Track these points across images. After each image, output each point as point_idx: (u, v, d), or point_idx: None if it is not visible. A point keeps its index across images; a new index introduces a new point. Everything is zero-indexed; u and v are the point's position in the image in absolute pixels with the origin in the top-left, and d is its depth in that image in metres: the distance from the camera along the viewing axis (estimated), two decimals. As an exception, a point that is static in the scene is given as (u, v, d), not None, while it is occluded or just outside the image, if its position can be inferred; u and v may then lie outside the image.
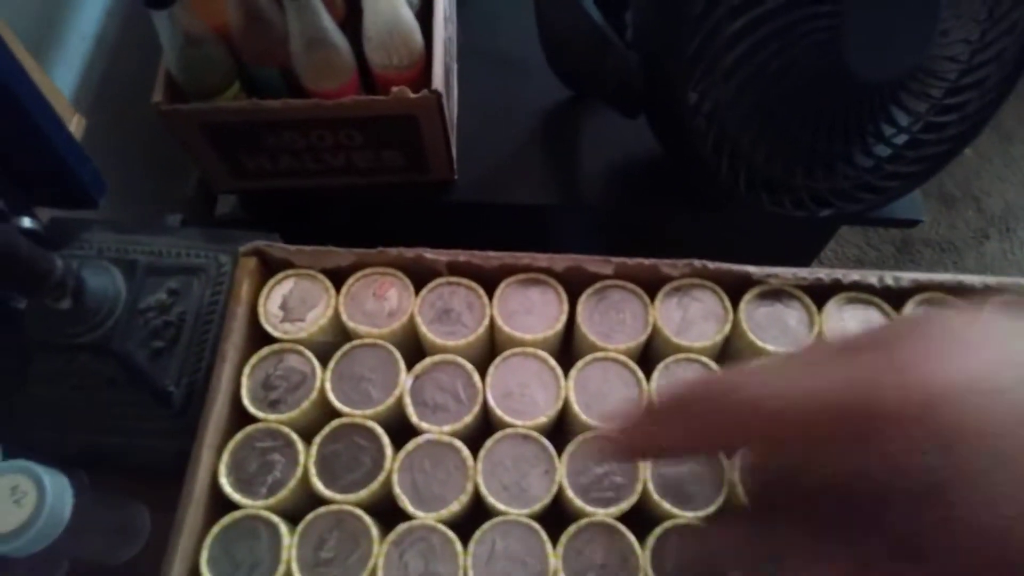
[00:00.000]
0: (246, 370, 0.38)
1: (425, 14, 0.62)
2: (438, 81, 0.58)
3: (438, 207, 0.69)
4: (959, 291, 0.39)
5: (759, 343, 0.39)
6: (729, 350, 0.42)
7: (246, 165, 0.64)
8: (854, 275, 0.39)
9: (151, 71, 0.58)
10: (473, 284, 0.41)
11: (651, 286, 0.41)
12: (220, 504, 0.36)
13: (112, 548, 0.42)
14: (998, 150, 1.36)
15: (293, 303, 0.40)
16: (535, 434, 0.37)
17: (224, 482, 0.36)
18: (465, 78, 0.74)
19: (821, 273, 0.40)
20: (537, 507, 0.36)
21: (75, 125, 0.47)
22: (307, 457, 0.37)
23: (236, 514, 0.36)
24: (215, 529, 0.35)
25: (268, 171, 0.65)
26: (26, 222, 0.35)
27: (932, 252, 1.28)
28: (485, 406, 0.38)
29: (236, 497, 0.36)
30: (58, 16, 0.64)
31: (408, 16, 0.57)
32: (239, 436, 0.37)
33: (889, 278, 0.39)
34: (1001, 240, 1.30)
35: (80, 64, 0.65)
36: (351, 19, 0.61)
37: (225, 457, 0.37)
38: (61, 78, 0.63)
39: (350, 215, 0.76)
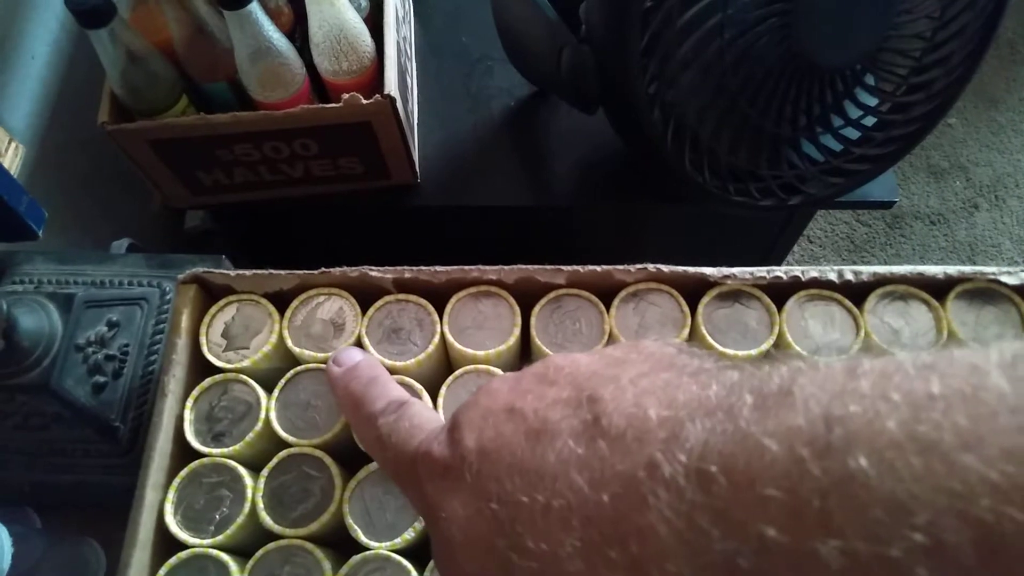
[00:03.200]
0: (188, 403, 0.37)
1: (376, 16, 0.61)
2: (391, 85, 0.56)
3: (403, 212, 0.68)
4: (920, 283, 0.37)
5: (719, 347, 0.38)
6: (690, 354, 0.40)
7: (202, 180, 0.63)
8: (813, 272, 0.38)
9: (100, 93, 0.57)
10: (422, 300, 0.39)
11: (606, 293, 0.39)
12: (167, 543, 0.35)
13: (69, 588, 0.41)
14: (984, 118, 1.34)
15: (236, 330, 0.39)
16: (489, 454, 0.36)
17: (170, 520, 0.35)
18: (426, 77, 0.72)
19: (779, 271, 0.38)
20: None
21: (11, 155, 0.46)
22: (255, 491, 0.36)
23: (183, 554, 0.34)
24: (163, 571, 0.34)
25: (225, 185, 0.63)
26: (-52, 264, 0.34)
27: (923, 225, 1.27)
28: (437, 427, 0.37)
29: (183, 536, 0.35)
30: (1, 45, 0.62)
31: (355, 20, 0.56)
32: (185, 472, 0.36)
33: (849, 273, 0.38)
34: (991, 209, 1.28)
35: (27, 91, 0.64)
36: (299, 26, 0.59)
37: (171, 495, 0.36)
38: (6, 107, 0.61)
39: (317, 223, 0.75)
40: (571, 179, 0.67)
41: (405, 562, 0.34)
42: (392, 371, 0.38)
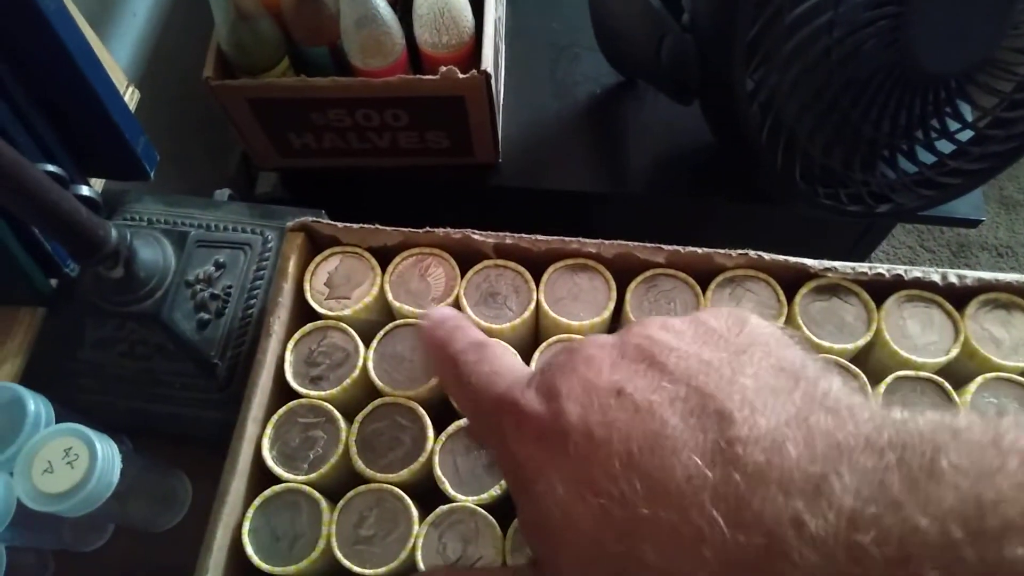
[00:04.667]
0: (289, 345, 0.38)
1: (476, -6, 0.62)
2: (488, 62, 0.57)
3: (481, 191, 0.69)
4: (1028, 293, 0.37)
5: (815, 339, 0.38)
6: (780, 345, 0.40)
7: (291, 143, 0.64)
8: (916, 272, 0.38)
9: (202, 47, 0.59)
10: (520, 268, 0.40)
11: (703, 276, 0.40)
12: (263, 476, 0.36)
13: (155, 515, 0.42)
14: (1060, 152, 1.31)
15: (338, 280, 0.40)
16: (578, 422, 0.36)
17: (267, 455, 0.36)
18: (513, 60, 0.73)
19: (881, 268, 0.38)
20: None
21: (129, 97, 0.48)
22: (348, 435, 0.37)
23: (278, 487, 0.36)
24: (257, 501, 0.35)
25: (313, 149, 0.65)
26: (84, 190, 0.35)
27: (989, 256, 1.24)
28: (528, 391, 0.37)
29: (278, 471, 0.36)
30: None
31: (459, -5, 0.57)
32: (282, 410, 0.37)
33: (953, 276, 0.38)
34: (1061, 246, 1.25)
35: (134, 38, 0.66)
36: (401, -2, 0.61)
37: (268, 431, 0.37)
38: (115, 51, 0.63)
39: (391, 196, 0.76)
40: (649, 171, 0.67)
41: (489, 516, 0.35)
42: (487, 334, 0.39)
